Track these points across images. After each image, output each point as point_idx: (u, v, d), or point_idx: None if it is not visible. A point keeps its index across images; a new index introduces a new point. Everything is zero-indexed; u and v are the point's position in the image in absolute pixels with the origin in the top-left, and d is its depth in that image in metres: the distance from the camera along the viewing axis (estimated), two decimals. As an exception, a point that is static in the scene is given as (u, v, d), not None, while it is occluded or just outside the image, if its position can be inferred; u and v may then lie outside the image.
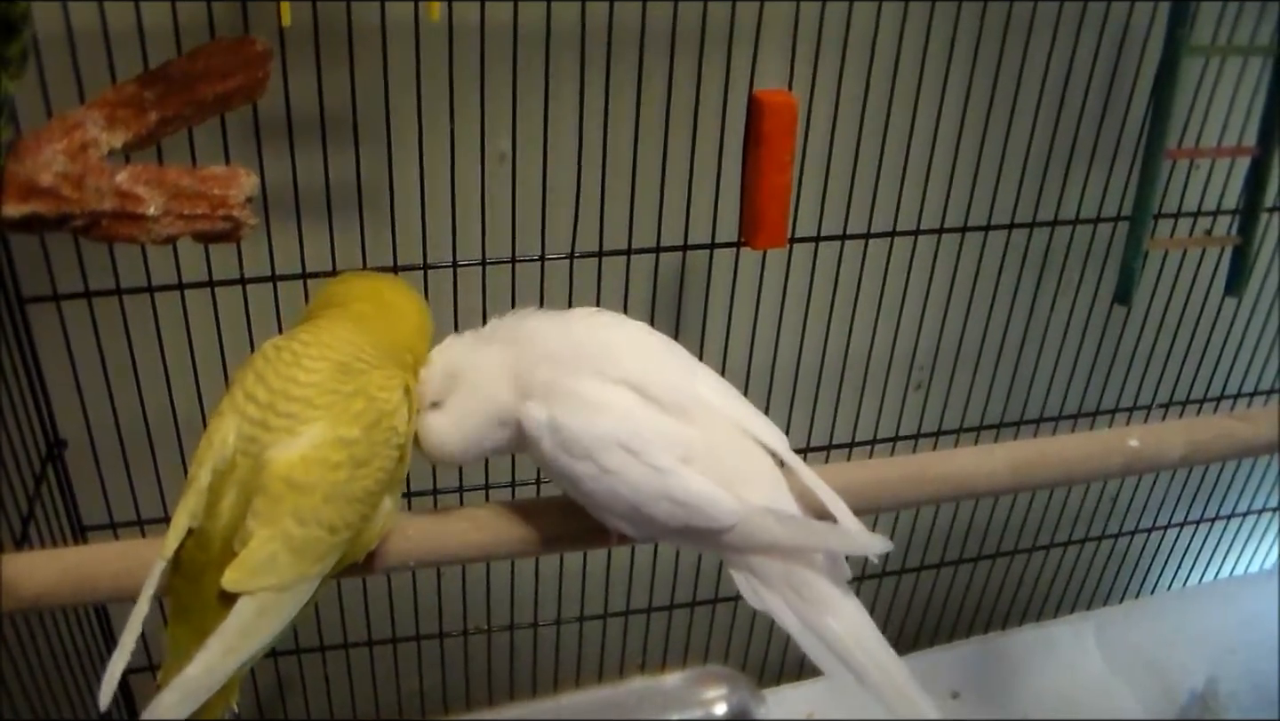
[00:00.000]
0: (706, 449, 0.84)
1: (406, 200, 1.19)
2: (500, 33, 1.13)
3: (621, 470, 0.82)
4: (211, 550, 0.74)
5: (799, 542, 0.83)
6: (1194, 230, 1.54)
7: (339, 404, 0.76)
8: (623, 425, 0.82)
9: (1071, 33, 1.34)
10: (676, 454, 0.83)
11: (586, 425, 0.82)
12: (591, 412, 0.83)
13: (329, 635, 1.45)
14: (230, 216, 0.88)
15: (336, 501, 0.75)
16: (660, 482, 0.81)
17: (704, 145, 1.27)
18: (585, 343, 0.87)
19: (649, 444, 0.82)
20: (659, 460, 0.82)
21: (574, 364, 0.85)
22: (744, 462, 0.86)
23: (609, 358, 0.86)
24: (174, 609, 0.76)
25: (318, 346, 0.79)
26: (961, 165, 1.38)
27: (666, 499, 0.82)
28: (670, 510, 0.82)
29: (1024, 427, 1.63)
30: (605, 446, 0.82)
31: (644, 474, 0.82)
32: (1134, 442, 1.03)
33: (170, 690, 0.71)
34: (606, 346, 0.87)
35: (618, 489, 0.82)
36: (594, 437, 0.82)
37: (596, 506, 0.84)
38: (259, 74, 0.94)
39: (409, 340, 0.86)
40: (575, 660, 1.63)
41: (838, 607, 0.84)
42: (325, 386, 0.77)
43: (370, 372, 0.79)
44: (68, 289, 1.13)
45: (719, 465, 0.84)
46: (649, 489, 0.82)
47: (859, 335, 1.47)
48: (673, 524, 0.82)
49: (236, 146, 1.10)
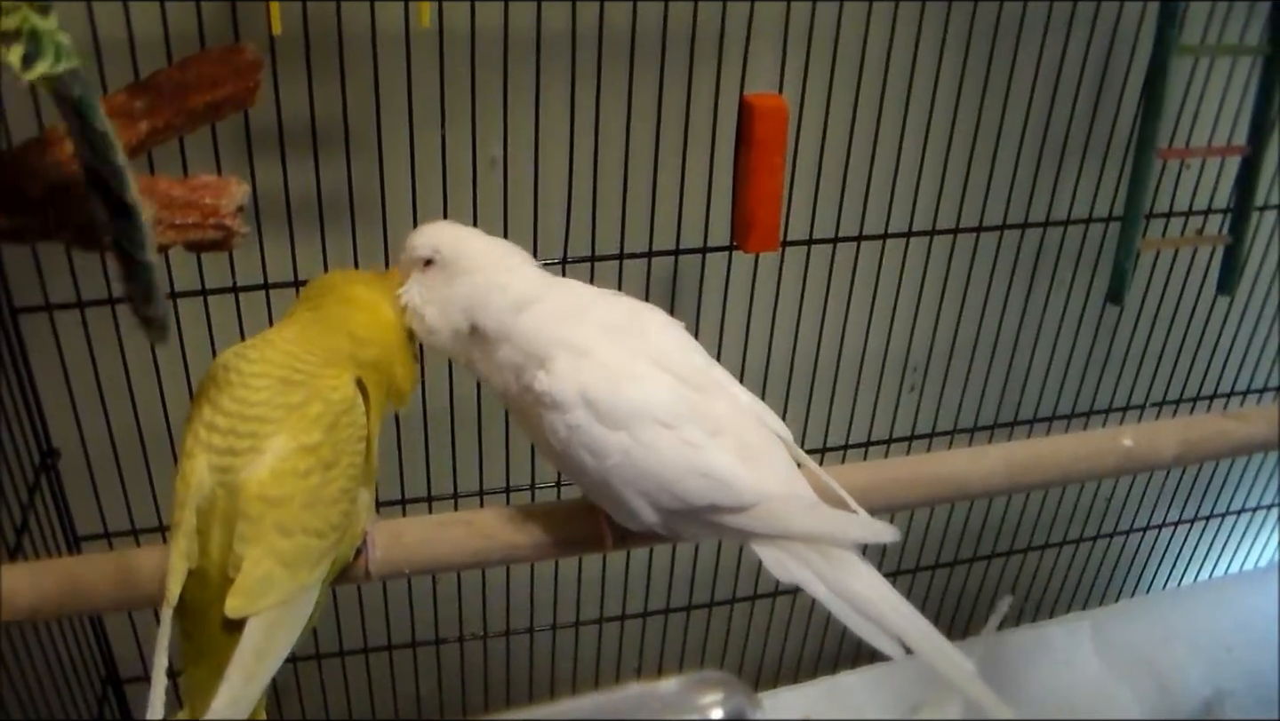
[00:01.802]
0: (731, 428, 0.84)
1: (399, 207, 1.19)
2: (490, 38, 1.13)
3: (655, 443, 0.81)
4: (210, 586, 0.74)
5: (822, 530, 0.84)
6: (1185, 230, 1.54)
7: (294, 414, 0.76)
8: (657, 397, 0.82)
9: (1062, 34, 1.34)
10: (707, 428, 0.83)
11: (622, 397, 0.82)
12: (625, 384, 0.82)
13: (326, 643, 1.45)
14: (222, 225, 0.88)
15: (315, 506, 0.75)
16: (693, 457, 0.81)
17: (695, 149, 1.27)
18: (612, 321, 0.87)
19: (682, 418, 0.82)
20: (692, 435, 0.82)
21: (599, 334, 0.85)
22: (763, 446, 0.86)
23: (635, 333, 0.86)
24: (185, 652, 0.76)
25: (261, 364, 0.79)
26: (953, 167, 1.38)
27: (697, 473, 0.81)
28: (701, 486, 0.81)
29: (1018, 428, 1.63)
30: (640, 418, 0.82)
31: (677, 447, 0.81)
32: (1128, 442, 1.03)
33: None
34: (632, 321, 0.88)
35: (648, 463, 0.81)
36: (631, 409, 0.81)
37: (621, 482, 0.82)
38: (249, 83, 0.94)
39: (364, 333, 0.85)
40: (572, 665, 1.63)
41: (862, 572, 0.85)
42: (275, 402, 0.76)
43: (314, 379, 0.78)
44: (60, 299, 1.13)
45: (742, 445, 0.84)
46: (681, 463, 0.81)
47: (852, 337, 1.47)
48: (700, 501, 0.82)
49: (227, 155, 1.10)
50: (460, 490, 1.37)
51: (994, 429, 1.62)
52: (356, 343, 0.84)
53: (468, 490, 1.37)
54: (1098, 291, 1.52)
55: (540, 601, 1.55)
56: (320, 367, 0.79)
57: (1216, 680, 1.64)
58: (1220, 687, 1.63)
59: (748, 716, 1.30)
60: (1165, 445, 1.05)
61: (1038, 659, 1.74)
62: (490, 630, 1.54)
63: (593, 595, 1.57)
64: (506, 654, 1.59)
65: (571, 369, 0.83)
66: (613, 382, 0.82)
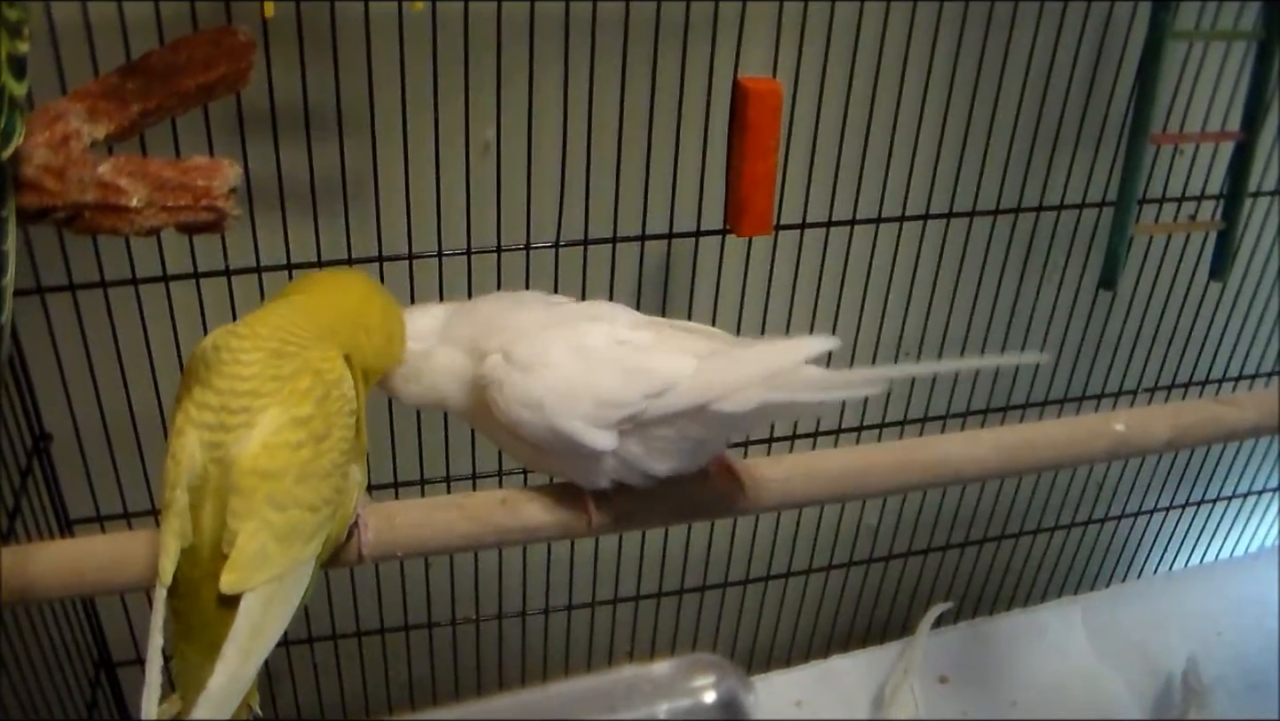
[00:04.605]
0: (651, 334, 0.87)
1: (391, 190, 1.19)
2: (484, 21, 1.12)
3: (574, 364, 0.84)
4: (202, 564, 0.74)
5: (747, 373, 0.83)
6: (1178, 215, 1.54)
7: (285, 386, 0.76)
8: (573, 335, 0.86)
9: (1056, 17, 1.34)
10: (623, 340, 0.86)
11: (540, 342, 0.85)
12: (547, 333, 0.86)
13: (317, 626, 1.45)
14: (214, 208, 0.88)
15: (308, 480, 0.75)
16: (615, 357, 0.84)
17: (689, 132, 1.26)
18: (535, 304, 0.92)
19: (597, 338, 0.86)
20: (608, 349, 0.85)
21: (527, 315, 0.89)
22: (686, 338, 0.87)
23: (564, 314, 0.90)
24: (177, 633, 0.76)
25: (251, 339, 0.79)
26: (947, 151, 1.38)
27: (621, 371, 0.83)
28: (627, 381, 0.83)
29: (1010, 413, 1.63)
30: (557, 351, 0.85)
31: (597, 355, 0.84)
32: (1120, 427, 1.03)
33: (200, 707, 0.71)
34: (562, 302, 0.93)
35: (573, 381, 0.84)
36: (547, 348, 0.85)
37: (562, 418, 0.84)
38: (242, 65, 0.94)
39: (348, 321, 0.85)
40: (564, 649, 1.63)
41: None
42: (266, 375, 0.77)
43: (306, 351, 0.79)
44: (51, 281, 1.12)
45: (663, 343, 0.86)
46: (605, 368, 0.84)
47: (844, 322, 1.47)
48: (635, 394, 0.83)
49: (220, 138, 1.09)
50: (453, 474, 1.37)
51: (986, 413, 1.62)
52: (346, 328, 0.84)
53: (460, 474, 1.37)
54: (1090, 276, 1.52)
55: (533, 585, 1.55)
56: (310, 342, 0.79)
57: (1206, 664, 1.64)
58: (1211, 671, 1.63)
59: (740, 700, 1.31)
60: (1157, 430, 1.05)
61: (1029, 642, 1.75)
62: (483, 613, 1.55)
63: (585, 579, 1.57)
64: (499, 637, 1.59)
65: (499, 344, 0.87)
66: (535, 336, 0.86)
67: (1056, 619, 1.78)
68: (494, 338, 0.87)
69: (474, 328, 0.90)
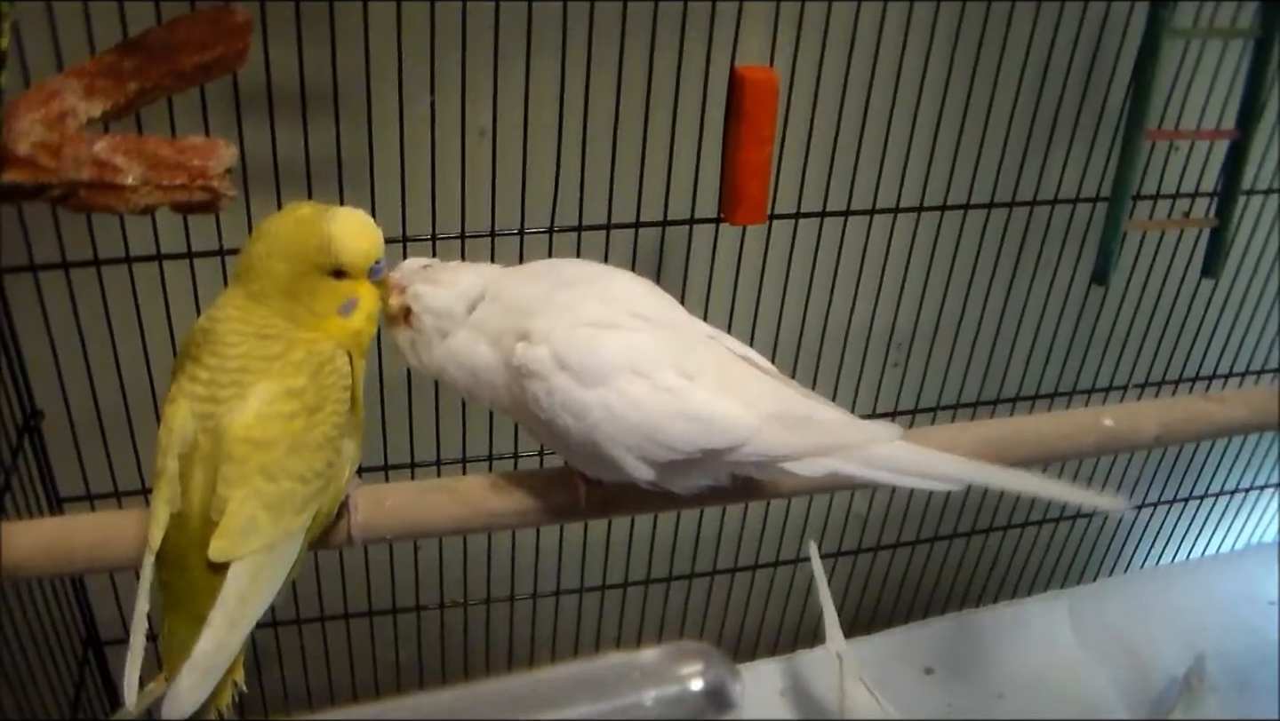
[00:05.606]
0: (707, 363, 0.84)
1: (386, 173, 1.19)
2: (481, 6, 1.12)
3: (635, 395, 0.81)
4: (191, 531, 0.74)
5: (815, 443, 0.83)
6: (1172, 212, 1.54)
7: (278, 359, 0.77)
8: (632, 347, 0.82)
9: (1054, 13, 1.34)
10: (685, 370, 0.82)
11: (597, 354, 0.82)
12: (599, 339, 0.82)
13: (306, 609, 1.45)
14: (209, 187, 0.88)
15: (300, 451, 0.76)
16: (674, 403, 0.81)
17: (685, 120, 1.26)
18: (577, 279, 0.87)
19: (659, 364, 0.82)
20: (671, 380, 0.82)
21: (570, 298, 0.85)
22: (740, 374, 0.85)
23: (604, 289, 0.87)
24: (166, 604, 0.76)
25: (233, 322, 0.79)
26: (942, 143, 1.39)
27: (682, 418, 0.81)
28: (686, 430, 0.81)
29: (1000, 406, 1.63)
30: (618, 371, 0.81)
31: (657, 395, 0.81)
32: (1108, 422, 1.04)
33: (185, 674, 0.71)
34: (600, 279, 0.88)
35: (630, 416, 0.81)
36: (607, 364, 0.81)
37: (607, 441, 0.82)
38: (239, 45, 0.94)
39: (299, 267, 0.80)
40: (551, 634, 1.64)
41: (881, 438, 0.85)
42: (254, 354, 0.77)
43: (291, 331, 0.79)
44: (44, 259, 1.12)
45: (721, 379, 0.84)
46: (663, 411, 0.81)
47: (837, 312, 1.47)
48: (689, 446, 0.81)
49: (216, 117, 1.09)
50: (443, 457, 1.37)
51: (976, 406, 1.62)
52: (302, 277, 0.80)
53: (450, 457, 1.37)
54: (1083, 271, 1.53)
55: (521, 569, 1.55)
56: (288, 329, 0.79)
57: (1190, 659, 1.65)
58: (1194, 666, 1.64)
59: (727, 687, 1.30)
60: (1145, 426, 1.06)
61: (1015, 636, 1.75)
62: (471, 597, 1.55)
63: (574, 565, 1.57)
64: (487, 621, 1.60)
65: (545, 332, 0.83)
66: (587, 340, 0.82)
67: (1042, 612, 1.79)
68: (536, 319, 0.84)
69: (510, 310, 0.86)
